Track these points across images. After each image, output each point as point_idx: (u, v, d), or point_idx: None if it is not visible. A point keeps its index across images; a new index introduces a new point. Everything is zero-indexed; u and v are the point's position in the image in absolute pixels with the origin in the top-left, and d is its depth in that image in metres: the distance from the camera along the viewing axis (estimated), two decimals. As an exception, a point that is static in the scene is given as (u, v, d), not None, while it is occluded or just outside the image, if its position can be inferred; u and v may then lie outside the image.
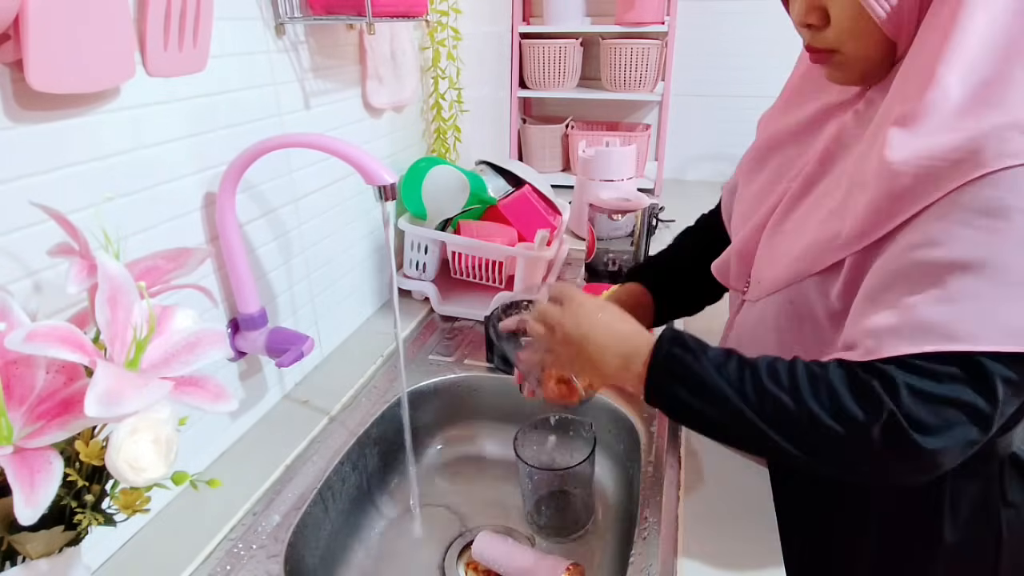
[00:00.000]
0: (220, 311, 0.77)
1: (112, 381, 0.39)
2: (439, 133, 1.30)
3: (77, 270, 0.46)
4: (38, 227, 0.53)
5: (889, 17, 0.51)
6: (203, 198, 0.71)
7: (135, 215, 0.63)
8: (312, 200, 0.91)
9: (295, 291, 0.90)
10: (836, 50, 0.55)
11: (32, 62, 0.48)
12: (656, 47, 1.72)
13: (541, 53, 1.81)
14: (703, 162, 2.03)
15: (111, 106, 0.58)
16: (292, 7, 0.81)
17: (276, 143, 0.68)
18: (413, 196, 1.14)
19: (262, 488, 0.75)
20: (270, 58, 0.79)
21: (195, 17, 0.64)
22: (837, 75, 0.58)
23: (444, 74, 1.26)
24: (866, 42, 0.54)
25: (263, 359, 0.84)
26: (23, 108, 0.51)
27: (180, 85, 0.66)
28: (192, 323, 0.49)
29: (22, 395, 0.42)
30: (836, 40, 0.55)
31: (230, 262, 0.73)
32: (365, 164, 0.66)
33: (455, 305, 1.17)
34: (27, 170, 0.52)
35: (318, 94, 0.90)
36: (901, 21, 0.52)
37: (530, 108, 2.06)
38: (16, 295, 0.44)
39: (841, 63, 0.56)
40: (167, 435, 0.43)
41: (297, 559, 0.71)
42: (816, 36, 0.56)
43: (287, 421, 0.86)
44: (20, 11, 0.47)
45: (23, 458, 0.39)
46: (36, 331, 0.39)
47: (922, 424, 0.47)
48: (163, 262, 0.52)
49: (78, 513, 0.44)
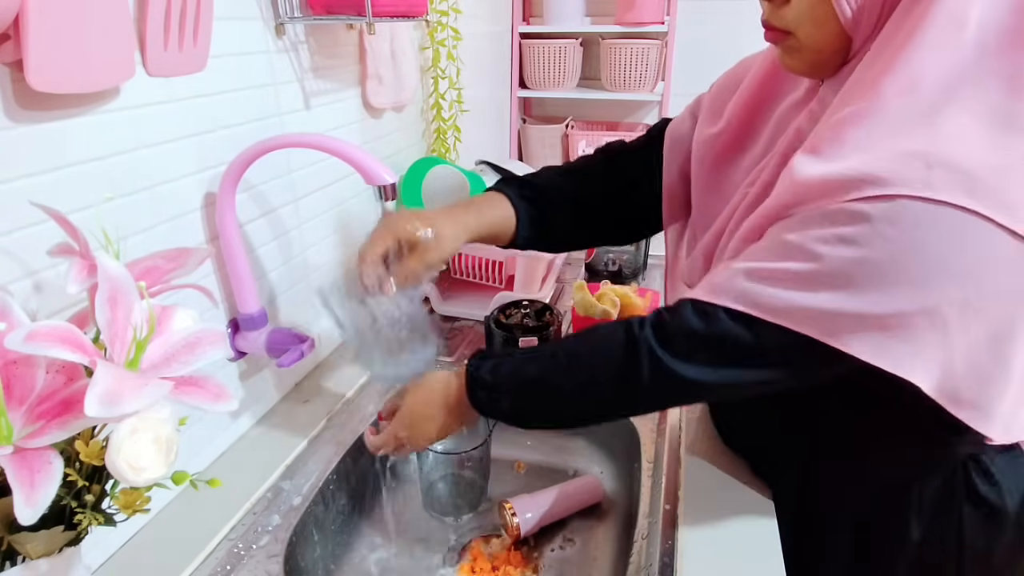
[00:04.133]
0: (220, 311, 0.77)
1: (112, 381, 0.39)
2: (439, 133, 1.30)
3: (77, 270, 0.46)
4: (38, 227, 0.53)
5: (853, 15, 0.51)
6: (203, 198, 0.71)
7: (135, 215, 0.63)
8: (312, 200, 0.91)
9: (295, 291, 0.90)
10: (791, 32, 0.55)
11: (32, 62, 0.48)
12: (656, 47, 1.72)
13: (541, 53, 1.80)
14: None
15: (111, 106, 0.59)
16: (292, 7, 0.81)
17: (276, 143, 0.69)
18: (413, 196, 1.14)
19: (262, 488, 0.75)
20: (270, 58, 0.79)
21: (195, 17, 0.64)
22: (788, 60, 0.58)
23: (444, 74, 1.26)
24: (822, 32, 0.53)
25: (263, 359, 0.84)
26: (23, 108, 0.51)
27: (180, 85, 0.66)
28: (192, 323, 0.49)
29: (22, 395, 0.42)
30: (794, 22, 0.54)
31: (230, 262, 0.73)
32: (365, 164, 0.66)
33: (455, 305, 1.17)
34: (27, 170, 0.52)
35: (318, 94, 0.90)
36: (860, 20, 0.52)
37: (530, 108, 2.06)
38: (16, 295, 0.44)
39: (793, 48, 0.56)
40: (167, 435, 0.43)
41: (297, 559, 0.71)
42: (774, 13, 0.56)
43: (287, 421, 0.86)
44: (20, 11, 0.47)
45: (23, 458, 0.39)
46: (36, 331, 0.39)
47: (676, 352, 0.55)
48: (163, 262, 0.52)
49: (78, 513, 0.44)
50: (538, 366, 0.63)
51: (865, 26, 0.52)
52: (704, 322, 0.54)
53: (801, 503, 0.71)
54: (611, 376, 0.58)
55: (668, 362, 0.55)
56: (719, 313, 0.53)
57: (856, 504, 0.67)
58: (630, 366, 0.57)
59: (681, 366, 0.55)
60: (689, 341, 0.55)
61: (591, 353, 0.61)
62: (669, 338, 0.56)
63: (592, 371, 0.60)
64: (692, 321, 0.55)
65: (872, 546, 0.67)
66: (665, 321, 0.57)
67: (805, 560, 0.70)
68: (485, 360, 0.66)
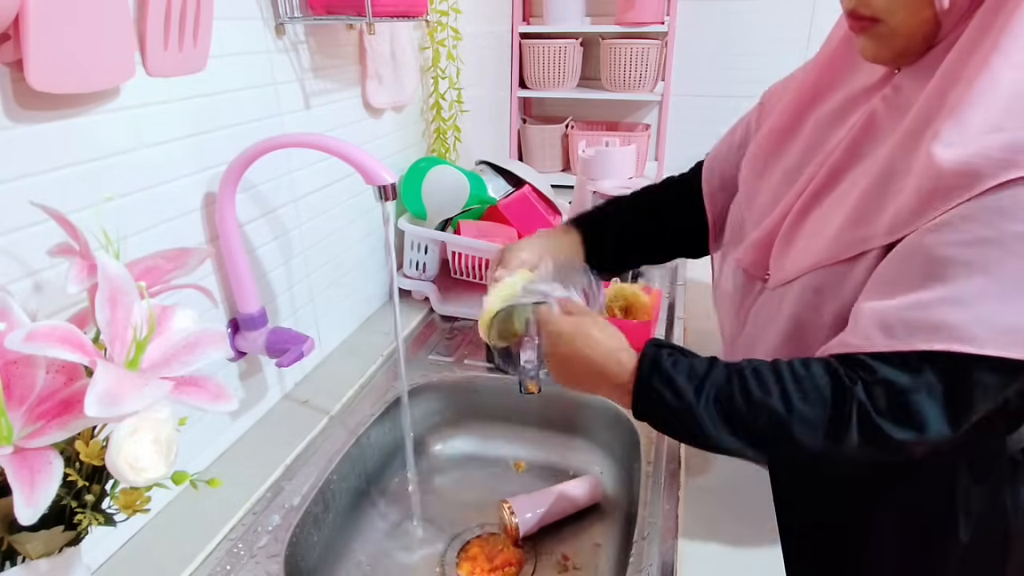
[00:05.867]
0: (220, 311, 0.77)
1: (112, 381, 0.39)
2: (439, 133, 1.30)
3: (77, 270, 0.46)
4: (38, 227, 0.53)
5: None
6: (203, 198, 0.71)
7: (135, 215, 0.63)
8: (312, 200, 0.91)
9: (295, 291, 0.90)
10: (881, 20, 0.54)
11: (32, 62, 0.48)
12: (656, 47, 1.72)
13: (541, 53, 1.80)
14: (703, 162, 2.02)
15: (111, 106, 0.58)
16: (292, 7, 0.81)
17: (276, 143, 0.68)
18: (413, 196, 1.14)
19: (262, 488, 0.75)
20: (270, 58, 0.79)
21: (195, 17, 0.64)
22: (873, 48, 0.57)
23: (444, 74, 1.26)
24: (916, 17, 0.53)
25: (263, 359, 0.84)
26: (23, 108, 0.51)
27: (180, 85, 0.66)
28: (192, 323, 0.49)
29: (22, 395, 0.42)
30: (885, 9, 0.53)
31: (230, 262, 0.73)
32: (365, 164, 0.66)
33: (455, 305, 1.17)
34: (27, 170, 0.52)
35: (318, 94, 0.90)
36: (954, 4, 0.51)
37: (530, 108, 2.06)
38: (16, 295, 0.44)
39: (882, 35, 0.55)
40: (167, 435, 0.43)
41: (297, 559, 0.71)
42: (863, 1, 0.55)
43: (287, 421, 0.86)
44: (20, 11, 0.47)
45: (23, 458, 0.39)
46: (36, 331, 0.39)
47: (894, 416, 0.50)
48: (163, 262, 0.52)
49: (78, 513, 0.44)
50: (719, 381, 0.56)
51: (957, 11, 0.51)
52: (907, 375, 0.50)
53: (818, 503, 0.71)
54: (816, 426, 0.53)
55: (884, 427, 0.50)
56: (913, 360, 0.49)
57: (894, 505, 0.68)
58: (840, 426, 0.52)
59: (895, 430, 0.50)
60: (901, 401, 0.50)
61: (793, 392, 0.54)
62: (884, 401, 0.51)
63: (799, 415, 0.53)
64: (897, 378, 0.50)
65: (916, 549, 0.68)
66: (870, 383, 0.51)
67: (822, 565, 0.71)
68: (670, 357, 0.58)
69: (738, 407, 0.54)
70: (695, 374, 0.56)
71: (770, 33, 1.74)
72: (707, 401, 0.55)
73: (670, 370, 0.56)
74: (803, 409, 0.52)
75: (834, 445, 0.52)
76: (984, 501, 0.64)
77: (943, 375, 0.49)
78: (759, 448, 0.56)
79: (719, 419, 0.55)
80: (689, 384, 0.56)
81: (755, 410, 0.54)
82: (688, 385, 0.55)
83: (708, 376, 0.56)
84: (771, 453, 0.59)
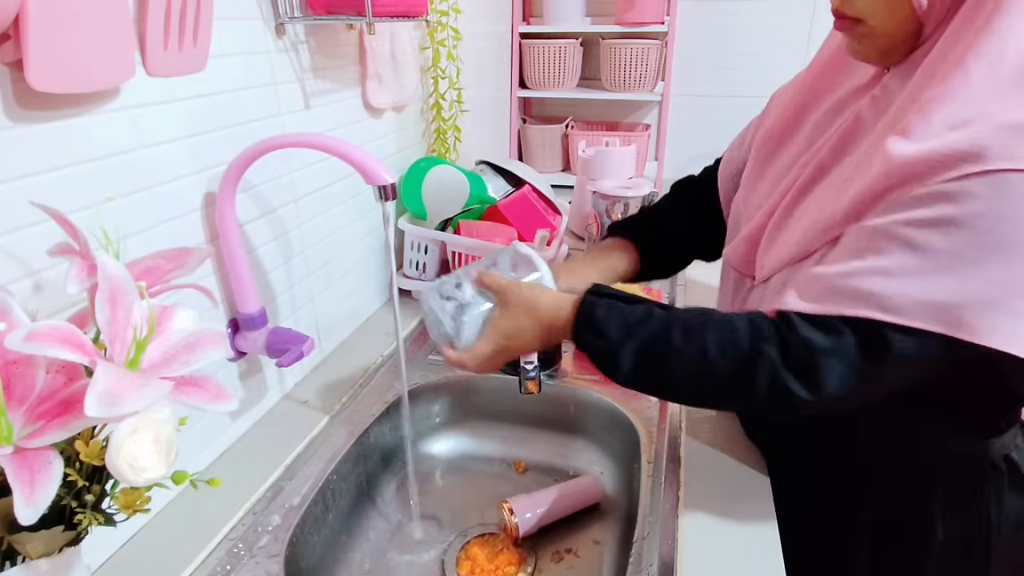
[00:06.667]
0: (220, 311, 0.77)
1: (112, 381, 0.39)
2: (439, 133, 1.30)
3: (77, 270, 0.46)
4: (38, 227, 0.53)
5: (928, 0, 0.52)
6: (203, 198, 0.71)
7: (135, 215, 0.63)
8: (312, 200, 0.91)
9: (295, 291, 0.90)
10: (863, 20, 0.55)
11: (32, 62, 0.48)
12: (656, 47, 1.72)
13: (541, 53, 1.81)
14: (703, 162, 2.00)
15: (111, 106, 0.58)
16: (292, 7, 0.81)
17: (276, 143, 0.68)
18: (413, 196, 1.14)
19: (262, 488, 0.75)
20: (270, 58, 0.79)
21: (195, 17, 0.64)
22: (858, 48, 0.58)
23: (444, 74, 1.26)
24: (895, 17, 0.53)
25: (263, 359, 0.84)
26: (23, 108, 0.51)
27: (180, 85, 0.66)
28: (192, 323, 0.49)
29: (22, 395, 0.42)
30: (866, 9, 0.54)
31: (230, 262, 0.73)
32: (365, 164, 0.66)
33: (455, 305, 1.16)
34: (27, 170, 0.52)
35: (318, 94, 0.90)
36: (934, 5, 0.52)
37: (530, 108, 2.06)
38: (16, 295, 0.44)
39: (865, 35, 0.56)
40: (167, 435, 0.43)
41: (297, 559, 0.71)
42: (846, 2, 0.56)
43: (287, 421, 0.86)
44: (20, 11, 0.47)
45: (23, 458, 0.39)
46: (36, 331, 0.39)
47: (803, 374, 0.53)
48: (163, 262, 0.52)
49: (78, 513, 0.44)
50: (651, 331, 0.59)
51: (938, 11, 0.52)
52: (826, 337, 0.52)
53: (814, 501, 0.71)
54: (727, 377, 0.56)
55: (789, 383, 0.53)
56: (836, 323, 0.51)
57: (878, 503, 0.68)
58: (748, 376, 0.55)
59: (797, 386, 0.53)
60: (812, 360, 0.52)
61: (712, 344, 0.57)
62: (793, 359, 0.53)
63: (711, 366, 0.57)
64: (814, 338, 0.52)
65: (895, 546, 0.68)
66: (789, 341, 0.54)
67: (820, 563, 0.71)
68: (601, 299, 0.62)
69: (659, 354, 0.58)
70: (625, 322, 0.60)
71: (770, 33, 1.75)
72: (632, 348, 0.59)
73: (602, 316, 0.60)
74: (717, 361, 0.55)
75: (740, 393, 0.56)
76: (964, 504, 0.64)
77: (860, 341, 0.51)
78: (673, 394, 0.66)
79: (640, 365, 0.59)
80: (618, 330, 0.59)
81: (673, 358, 0.58)
82: (617, 331, 0.59)
83: (641, 323, 0.59)
84: (684, 399, 0.67)
